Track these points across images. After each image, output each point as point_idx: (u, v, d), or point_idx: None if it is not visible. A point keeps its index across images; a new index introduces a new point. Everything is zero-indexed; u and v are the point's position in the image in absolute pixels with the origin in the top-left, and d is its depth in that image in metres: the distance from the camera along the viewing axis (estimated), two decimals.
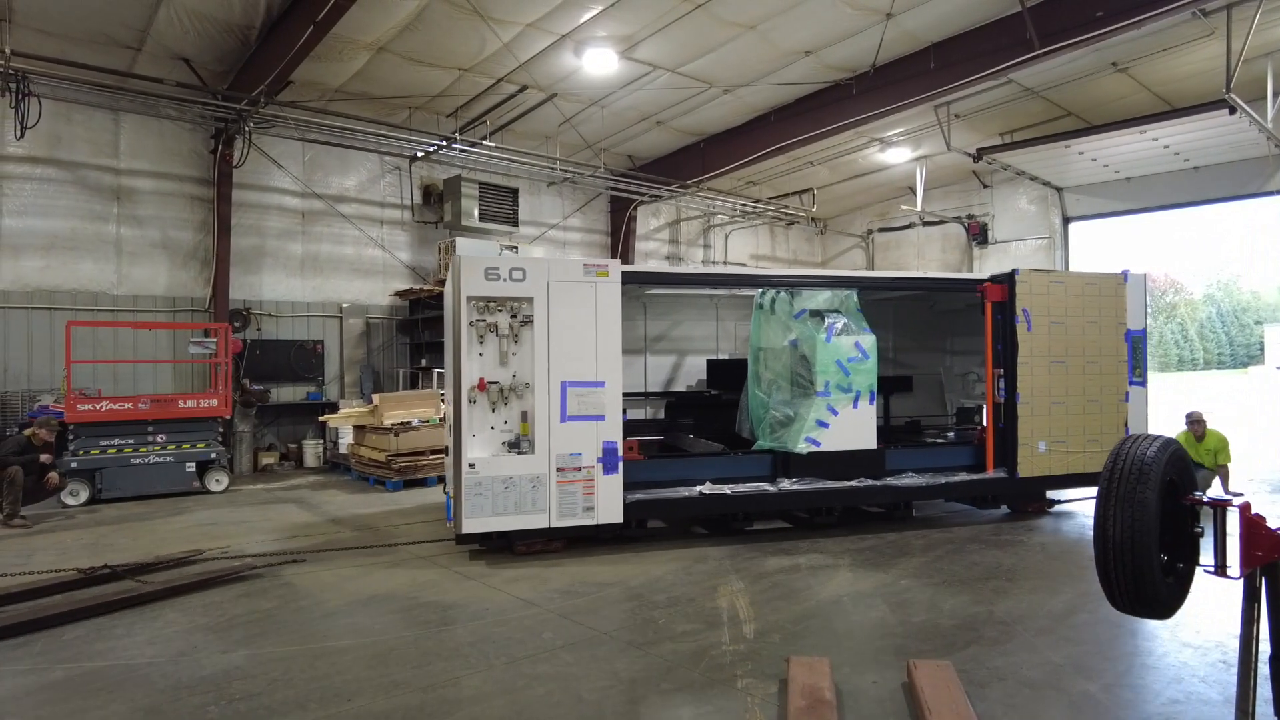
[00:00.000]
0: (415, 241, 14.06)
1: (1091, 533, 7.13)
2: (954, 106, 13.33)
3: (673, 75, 12.16)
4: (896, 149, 15.77)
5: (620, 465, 6.88)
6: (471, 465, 6.50)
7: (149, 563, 6.35)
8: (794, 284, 8.01)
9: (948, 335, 10.93)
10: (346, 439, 11.87)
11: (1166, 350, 59.57)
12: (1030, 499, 8.41)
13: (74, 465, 9.38)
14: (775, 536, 7.58)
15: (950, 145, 13.80)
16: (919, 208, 17.07)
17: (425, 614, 5.38)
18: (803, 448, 7.44)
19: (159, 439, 9.95)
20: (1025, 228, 17.74)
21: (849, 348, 7.59)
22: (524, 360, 6.74)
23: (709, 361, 9.78)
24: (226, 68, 11.24)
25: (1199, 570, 3.15)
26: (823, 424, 7.50)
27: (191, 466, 10.13)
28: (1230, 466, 9.04)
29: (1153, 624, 4.86)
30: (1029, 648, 4.64)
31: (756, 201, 17.76)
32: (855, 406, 7.62)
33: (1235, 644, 4.27)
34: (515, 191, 14.06)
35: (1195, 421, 9.18)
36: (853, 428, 7.61)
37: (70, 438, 9.45)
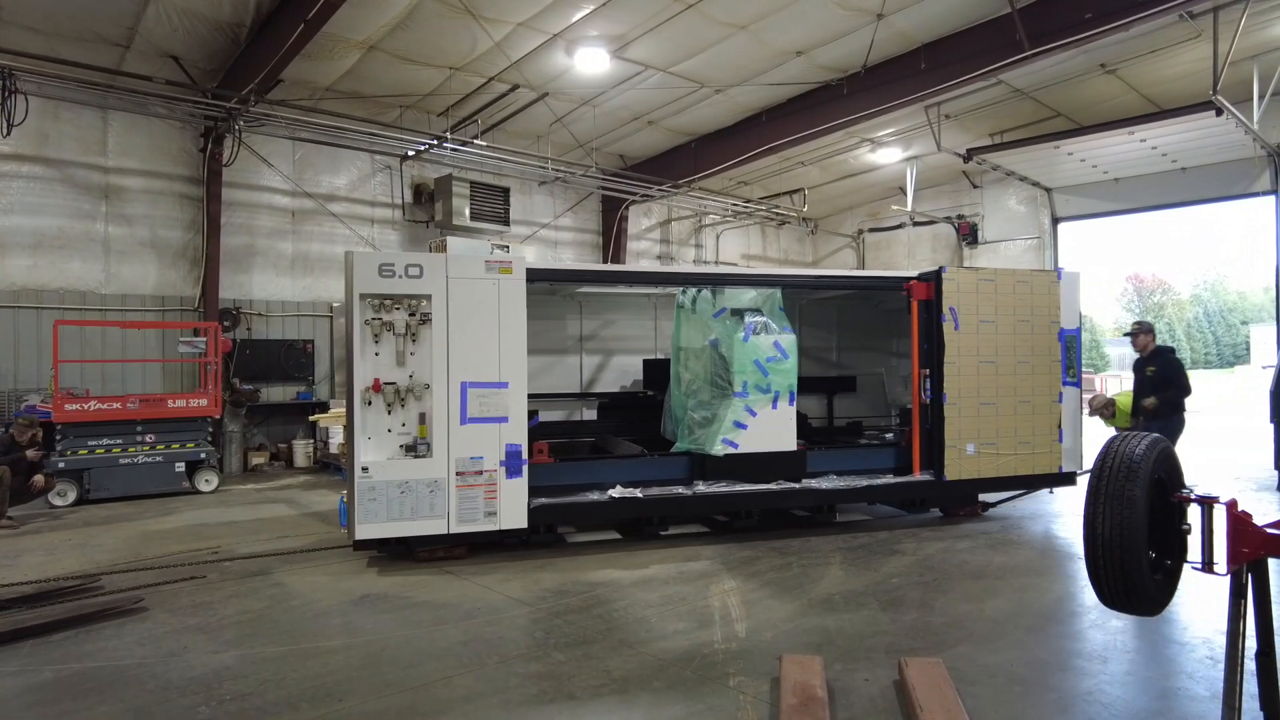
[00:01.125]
0: (407, 241, 14.02)
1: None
2: (944, 107, 13.39)
3: (664, 75, 12.16)
4: (887, 149, 15.83)
5: (525, 469, 6.64)
6: (365, 469, 6.26)
7: (41, 594, 5.67)
8: (716, 282, 7.85)
9: (893, 335, 10.67)
10: (337, 439, 11.82)
11: None
12: (961, 502, 8.23)
13: (62, 466, 9.31)
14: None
15: (941, 146, 13.85)
16: (909, 208, 17.14)
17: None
18: (719, 450, 7.26)
19: (148, 439, 9.89)
20: (1015, 228, 17.83)
21: (768, 347, 7.41)
22: (423, 360, 6.50)
23: (645, 361, 9.54)
24: (216, 66, 11.18)
25: (1186, 567, 3.18)
26: (740, 425, 7.33)
27: (181, 467, 10.08)
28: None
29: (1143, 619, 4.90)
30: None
31: (748, 201, 17.79)
32: (774, 407, 7.43)
33: (1223, 640, 4.32)
34: (507, 191, 14.04)
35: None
36: (771, 429, 7.43)
37: (58, 438, 9.39)
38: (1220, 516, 2.98)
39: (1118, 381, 26.73)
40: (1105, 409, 9.09)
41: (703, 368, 7.63)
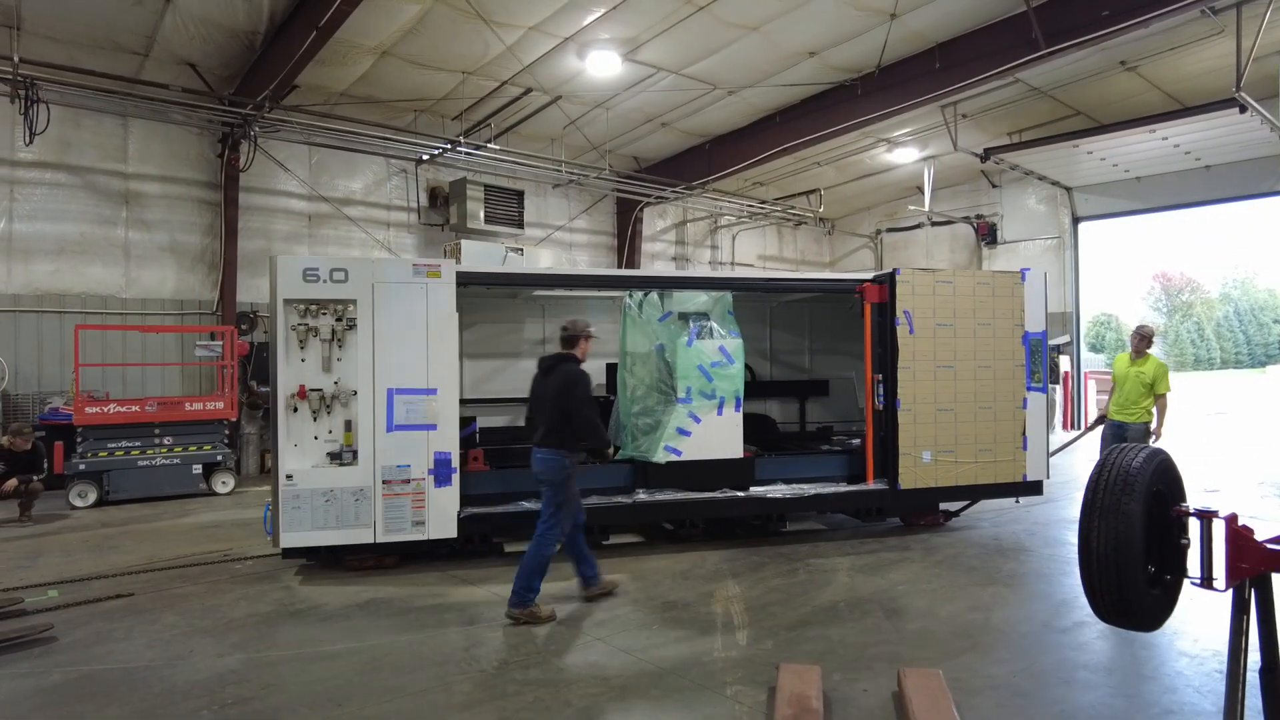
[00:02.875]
0: (421, 244, 14.11)
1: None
2: (961, 106, 13.26)
3: (677, 77, 12.15)
4: (904, 149, 15.70)
5: (454, 477, 6.45)
6: (289, 477, 6.15)
7: None
8: (662, 285, 7.67)
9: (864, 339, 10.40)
10: None
11: (1183, 350, 58.97)
12: (918, 511, 7.98)
13: (82, 467, 9.48)
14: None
15: (957, 145, 13.73)
16: (927, 208, 16.99)
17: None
18: (661, 457, 7.04)
19: (166, 441, 10.03)
20: (1034, 227, 17.63)
21: (712, 352, 7.20)
22: (350, 366, 6.36)
23: (608, 365, 9.18)
24: (232, 73, 11.32)
25: (1186, 582, 3.11)
26: (684, 432, 7.11)
27: (198, 469, 10.21)
28: (1169, 398, 7.92)
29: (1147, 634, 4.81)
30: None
31: (763, 202, 17.72)
32: (720, 414, 7.21)
33: None
34: (521, 194, 14.09)
35: (1141, 337, 8.09)
36: (716, 436, 7.20)
37: (78, 440, 9.55)
38: (1219, 531, 2.92)
39: None
40: (1146, 341, 8.18)
41: (647, 373, 7.42)
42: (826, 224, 20.31)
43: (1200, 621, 4.98)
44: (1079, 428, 17.42)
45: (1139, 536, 2.86)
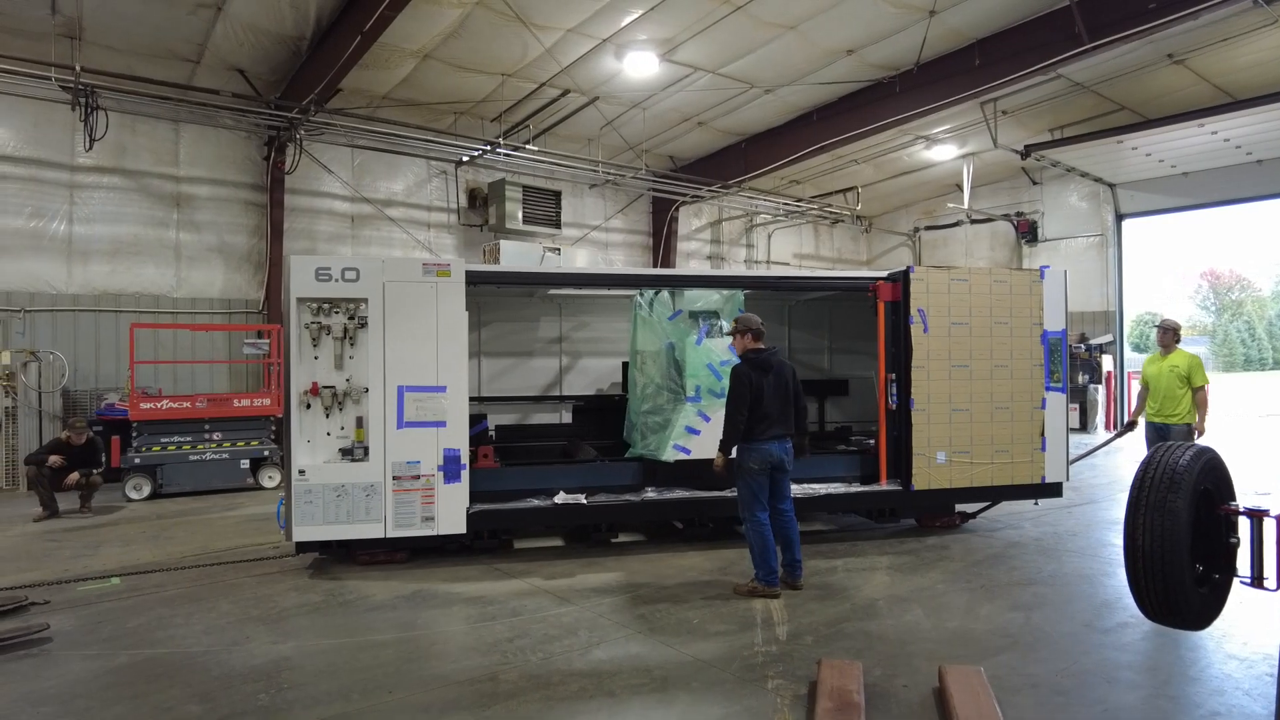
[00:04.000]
0: (461, 244, 14.33)
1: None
2: (1001, 103, 13.11)
3: (713, 76, 12.19)
4: (942, 146, 15.55)
5: (463, 474, 6.52)
6: (301, 472, 6.25)
7: None
8: (672, 284, 7.64)
9: None
10: None
11: (1232, 349, 57.30)
12: (933, 512, 7.83)
13: (137, 461, 9.81)
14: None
15: (997, 142, 13.57)
16: (966, 205, 16.81)
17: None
18: (670, 455, 7.05)
19: (215, 437, 10.33)
20: (1076, 225, 17.33)
21: (722, 351, 7.10)
22: (361, 364, 6.46)
23: (624, 364, 9.10)
24: (279, 78, 11.61)
25: (1235, 581, 3.10)
26: (693, 431, 7.09)
27: (245, 463, 10.50)
28: (1209, 391, 7.68)
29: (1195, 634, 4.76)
30: None
31: (800, 200, 17.67)
32: None
33: None
34: (558, 194, 14.24)
35: (1165, 330, 7.91)
36: None
37: (134, 435, 9.89)
38: (1270, 530, 2.91)
39: None
40: (1172, 334, 8.01)
41: (657, 372, 7.43)
42: (864, 222, 20.18)
43: (1250, 623, 4.91)
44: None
45: (1186, 534, 2.87)
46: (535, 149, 13.05)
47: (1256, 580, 2.95)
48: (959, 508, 7.97)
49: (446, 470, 6.49)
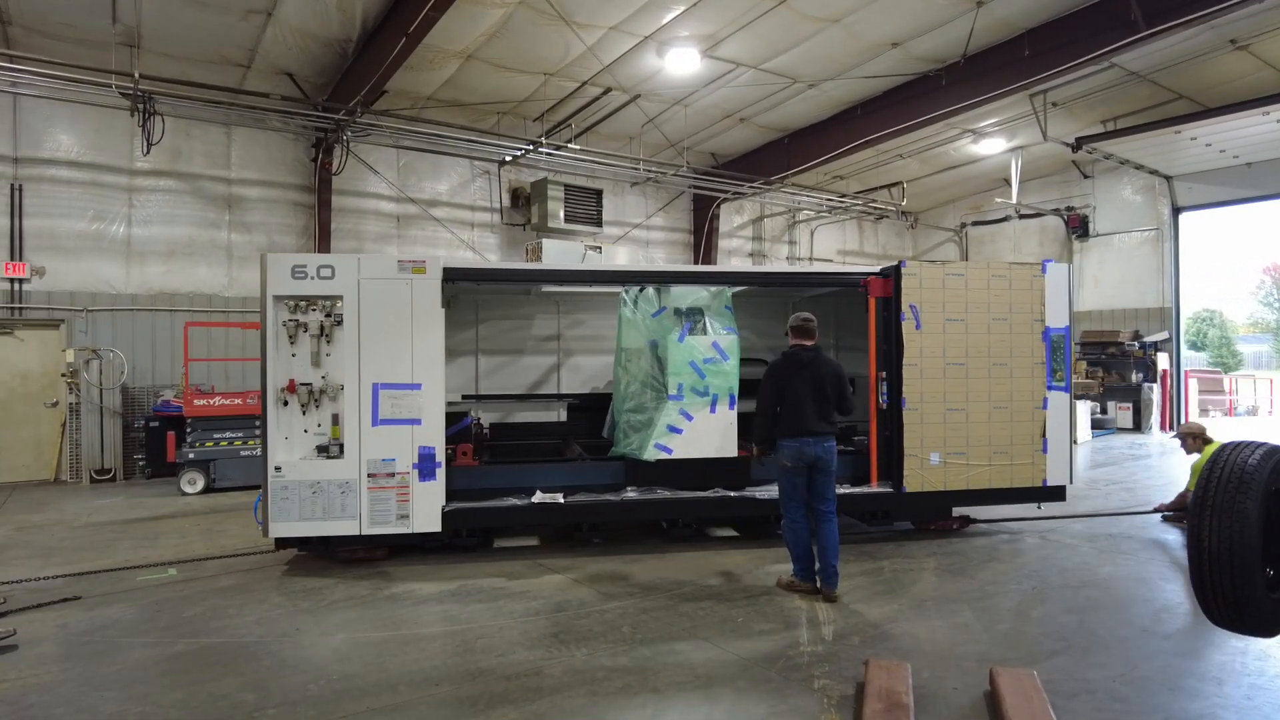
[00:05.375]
0: (504, 243, 14.45)
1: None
2: (1051, 94, 12.78)
3: (756, 72, 12.09)
4: (990, 140, 15.21)
5: (439, 472, 6.51)
6: (278, 469, 6.29)
7: None
8: (658, 280, 7.43)
9: None
10: None
11: None
12: (929, 515, 7.51)
13: (191, 456, 10.08)
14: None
15: (1047, 135, 13.24)
16: (1014, 200, 16.43)
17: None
18: (651, 454, 6.91)
19: None
20: (1130, 219, 16.84)
21: (705, 348, 7.03)
22: (337, 361, 6.47)
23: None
24: (326, 80, 11.83)
25: None
26: (675, 430, 6.95)
27: None
28: None
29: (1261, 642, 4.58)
30: None
31: (843, 196, 17.45)
32: (713, 411, 7.01)
33: None
34: (599, 193, 14.27)
35: (1184, 436, 7.97)
36: (709, 434, 7.02)
37: (188, 431, 10.17)
38: None
39: (1250, 383, 24.76)
40: (1192, 439, 7.99)
41: (640, 370, 7.27)
42: (909, 217, 19.85)
43: None
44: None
45: (1256, 536, 2.75)
46: (577, 148, 13.10)
47: None
48: (959, 512, 7.65)
49: (421, 468, 6.49)
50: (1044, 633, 4.97)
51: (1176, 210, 16.22)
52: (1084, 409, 15.14)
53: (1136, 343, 16.33)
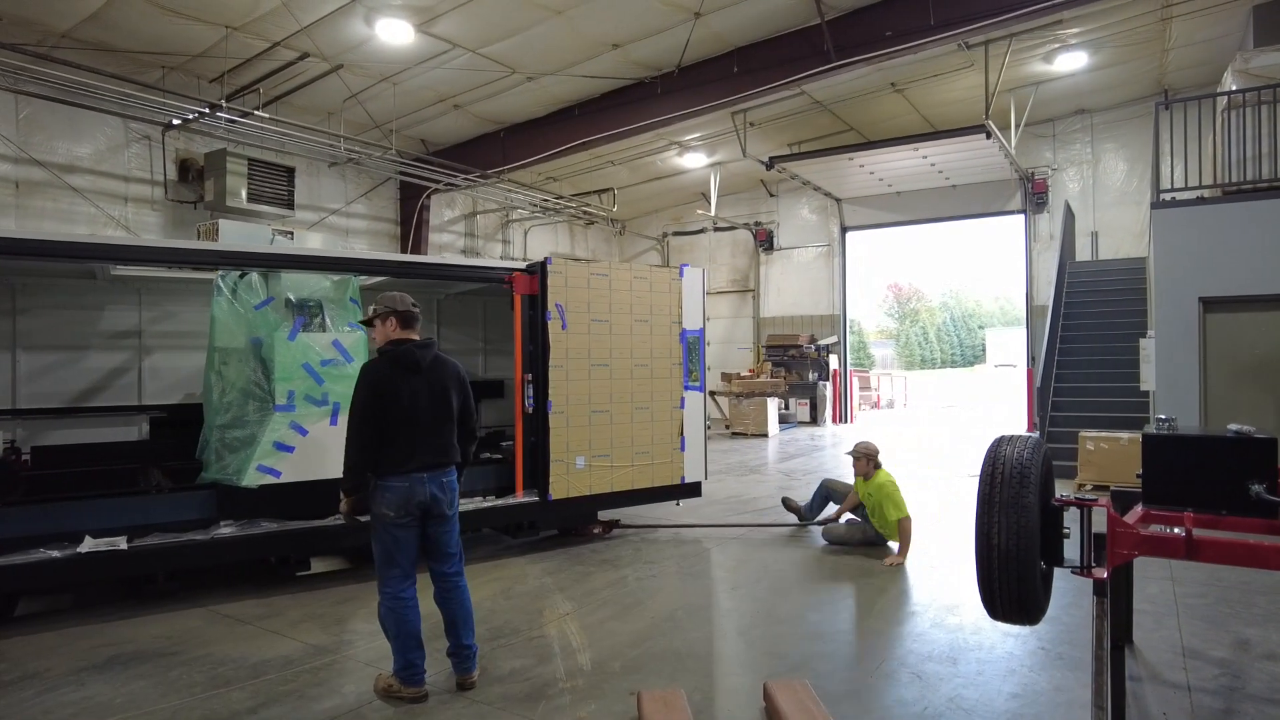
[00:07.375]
0: (169, 223, 12.09)
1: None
2: (750, 114, 13.78)
3: (474, 56, 11.41)
4: (694, 154, 16.10)
5: None
6: None
7: None
8: (263, 263, 6.06)
9: None
10: None
11: (911, 350, 67.22)
12: (575, 521, 7.34)
13: None
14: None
15: (746, 152, 14.25)
16: (712, 213, 17.60)
17: None
18: (253, 480, 5.65)
19: None
20: (807, 235, 18.89)
21: (324, 347, 5.94)
22: None
23: None
24: None
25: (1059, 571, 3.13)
26: (284, 447, 5.74)
27: None
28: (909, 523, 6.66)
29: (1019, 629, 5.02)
30: None
31: (558, 198, 17.36)
32: (333, 423, 5.90)
33: (1081, 637, 4.49)
34: (292, 171, 12.53)
35: (857, 458, 7.00)
36: (330, 451, 5.69)
37: None
38: (1099, 519, 2.95)
39: (888, 380, 29.27)
40: (866, 460, 6.94)
41: (240, 375, 5.96)
42: (618, 224, 20.40)
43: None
44: (848, 421, 18.95)
45: (1037, 530, 2.81)
46: (265, 116, 11.33)
47: (1085, 569, 2.98)
48: (608, 515, 7.58)
49: None
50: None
51: (844, 229, 18.52)
52: (772, 405, 16.65)
53: (813, 345, 18.34)
